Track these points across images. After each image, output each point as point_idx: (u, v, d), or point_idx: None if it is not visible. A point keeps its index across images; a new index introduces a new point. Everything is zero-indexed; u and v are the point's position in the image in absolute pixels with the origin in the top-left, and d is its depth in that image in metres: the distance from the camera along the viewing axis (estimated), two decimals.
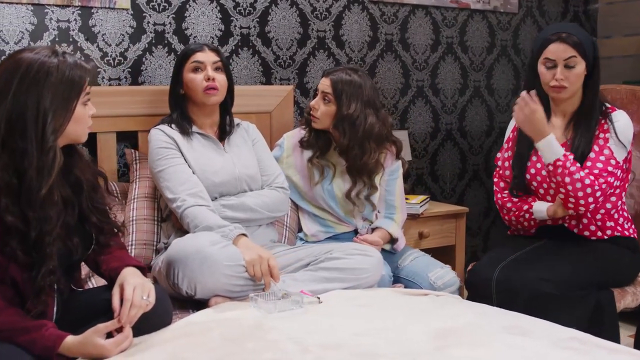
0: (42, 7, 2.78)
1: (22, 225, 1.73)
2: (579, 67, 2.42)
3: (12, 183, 1.73)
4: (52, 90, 1.77)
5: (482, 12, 3.92)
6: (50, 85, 1.77)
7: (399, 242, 2.73)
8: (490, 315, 1.98)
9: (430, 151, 3.85)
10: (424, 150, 3.83)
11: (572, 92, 2.47)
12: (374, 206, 2.67)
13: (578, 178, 2.33)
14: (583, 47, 2.40)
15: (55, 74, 1.78)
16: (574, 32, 2.43)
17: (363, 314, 1.91)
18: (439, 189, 3.91)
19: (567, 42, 2.40)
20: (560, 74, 2.42)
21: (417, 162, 3.81)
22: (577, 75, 2.43)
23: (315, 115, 2.64)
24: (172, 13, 3.06)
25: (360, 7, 3.53)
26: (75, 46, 2.85)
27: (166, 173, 2.33)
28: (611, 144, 2.42)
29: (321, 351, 1.61)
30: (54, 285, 1.82)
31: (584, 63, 2.42)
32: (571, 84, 2.44)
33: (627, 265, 2.50)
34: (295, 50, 3.38)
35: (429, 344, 1.66)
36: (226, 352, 1.61)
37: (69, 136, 1.86)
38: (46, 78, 1.77)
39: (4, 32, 2.72)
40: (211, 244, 2.04)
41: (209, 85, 2.43)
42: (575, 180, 2.33)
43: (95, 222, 1.94)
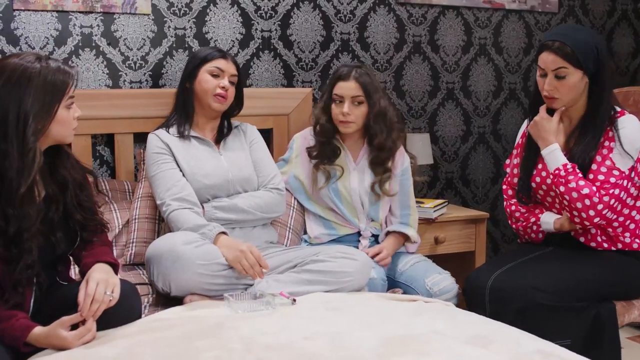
0: (66, 14, 2.92)
1: (1, 221, 1.83)
2: (572, 77, 2.31)
3: None
4: (33, 94, 1.86)
5: (518, 12, 3.81)
6: (31, 89, 1.86)
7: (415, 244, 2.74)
8: (461, 323, 1.93)
9: (461, 155, 3.77)
10: (454, 154, 3.76)
11: (567, 102, 2.36)
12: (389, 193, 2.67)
13: (574, 187, 2.24)
14: (576, 57, 2.28)
15: (37, 78, 1.87)
16: (570, 39, 2.30)
17: (327, 317, 1.91)
18: (470, 193, 3.82)
19: (556, 53, 2.29)
20: (548, 85, 2.33)
21: (446, 165, 3.74)
22: (569, 86, 2.32)
23: (349, 120, 2.63)
24: (192, 17, 3.14)
25: (386, 9, 3.51)
26: (98, 51, 2.98)
27: (156, 178, 2.41)
28: (615, 154, 2.30)
29: (263, 352, 1.63)
30: (32, 279, 1.91)
31: (580, 72, 2.30)
32: (562, 95, 2.33)
33: (635, 277, 2.37)
34: (318, 53, 3.39)
35: (374, 351, 1.64)
36: (174, 349, 1.66)
37: (53, 138, 1.96)
38: (28, 82, 1.86)
39: (29, 38, 2.88)
40: (184, 243, 2.09)
41: (220, 93, 2.49)
42: (571, 190, 2.24)
43: (79, 219, 2.03)
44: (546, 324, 2.21)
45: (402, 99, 3.59)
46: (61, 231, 1.99)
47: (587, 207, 2.24)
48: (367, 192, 2.68)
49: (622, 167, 2.29)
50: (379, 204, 2.70)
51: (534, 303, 2.20)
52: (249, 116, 3.11)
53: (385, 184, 2.66)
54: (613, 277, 2.32)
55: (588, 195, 2.23)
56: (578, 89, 2.33)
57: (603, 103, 2.32)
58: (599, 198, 2.24)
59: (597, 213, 2.25)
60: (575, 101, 2.37)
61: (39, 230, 1.90)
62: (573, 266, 2.31)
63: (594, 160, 2.30)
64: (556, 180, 2.27)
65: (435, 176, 3.72)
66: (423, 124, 3.66)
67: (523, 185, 2.52)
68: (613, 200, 2.27)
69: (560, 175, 2.26)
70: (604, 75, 2.31)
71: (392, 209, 2.74)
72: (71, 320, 1.79)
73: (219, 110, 2.54)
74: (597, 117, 2.33)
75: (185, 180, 2.41)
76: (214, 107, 2.51)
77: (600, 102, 2.32)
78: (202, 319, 1.89)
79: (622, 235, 2.38)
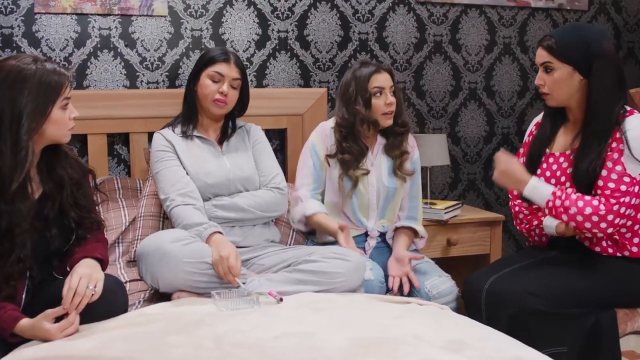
0: (85, 17, 3.01)
1: None
2: (559, 72, 2.26)
3: None
4: (27, 94, 1.93)
5: (545, 10, 3.71)
6: (26, 90, 1.93)
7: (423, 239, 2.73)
8: (444, 327, 1.90)
9: (484, 156, 3.71)
10: (476, 155, 3.70)
11: (560, 99, 2.31)
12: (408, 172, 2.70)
13: (576, 212, 2.17)
14: (562, 52, 2.23)
15: (32, 79, 1.94)
16: (558, 34, 2.28)
17: (306, 318, 1.91)
18: (493, 195, 3.75)
19: (543, 47, 2.28)
20: (537, 79, 2.31)
21: (468, 167, 3.69)
22: (555, 80, 2.27)
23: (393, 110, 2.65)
24: (209, 19, 3.19)
25: (406, 9, 3.48)
26: (116, 52, 3.07)
27: (161, 175, 2.45)
28: (624, 159, 2.20)
29: (230, 350, 1.64)
30: (25, 272, 1.99)
31: (568, 68, 2.24)
32: (551, 90, 2.29)
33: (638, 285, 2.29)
34: (336, 53, 3.39)
35: (340, 353, 1.63)
36: (146, 344, 1.69)
37: (49, 137, 2.03)
38: (23, 83, 1.93)
39: (50, 40, 2.98)
40: (172, 240, 2.13)
41: (219, 98, 2.51)
42: (574, 215, 2.17)
43: (74, 217, 2.09)
44: (540, 330, 2.15)
45: (422, 99, 3.56)
46: (56, 228, 2.06)
47: (596, 223, 2.17)
48: (385, 186, 2.65)
49: (632, 173, 2.20)
50: (394, 198, 2.68)
51: (528, 308, 2.15)
52: (262, 116, 3.16)
53: (405, 165, 2.68)
54: (616, 284, 2.24)
55: (593, 212, 2.16)
56: (568, 85, 2.27)
57: (602, 102, 2.24)
58: (606, 209, 2.16)
59: (609, 224, 2.17)
60: (569, 98, 2.30)
61: (33, 226, 1.97)
62: (574, 272, 2.24)
63: (605, 166, 2.21)
64: (554, 212, 2.20)
65: (457, 177, 3.67)
66: (444, 124, 3.61)
67: None
68: (624, 208, 2.18)
69: (556, 205, 2.19)
70: (599, 73, 2.23)
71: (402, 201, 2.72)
72: (55, 313, 1.85)
73: (218, 114, 2.56)
74: (597, 117, 2.25)
75: (189, 177, 2.45)
76: (213, 111, 2.54)
77: (598, 101, 2.24)
78: (184, 316, 1.92)
79: (629, 242, 2.29)
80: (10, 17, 2.92)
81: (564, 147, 2.37)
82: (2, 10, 2.91)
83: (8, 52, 2.93)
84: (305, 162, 2.70)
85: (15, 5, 2.92)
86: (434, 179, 3.62)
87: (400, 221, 2.69)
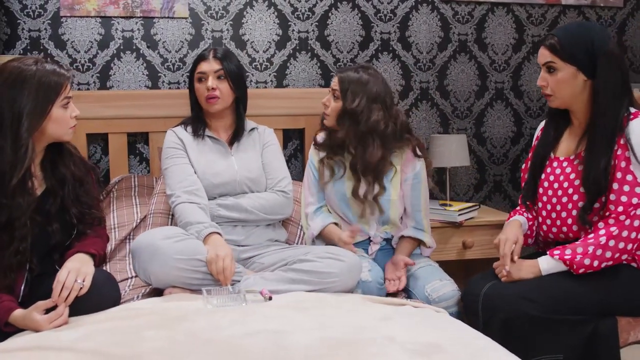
0: (108, 19, 3.11)
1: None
2: (562, 72, 2.19)
3: None
4: (27, 94, 2.02)
5: (577, 7, 3.60)
6: (26, 90, 2.02)
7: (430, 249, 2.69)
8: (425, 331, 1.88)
9: (511, 157, 3.63)
10: (503, 156, 3.62)
11: (563, 100, 2.25)
12: (382, 211, 2.60)
13: (600, 254, 2.12)
14: (566, 52, 2.16)
15: (32, 80, 2.03)
16: (561, 32, 2.21)
17: (287, 316, 1.92)
18: None
19: (546, 46, 2.22)
20: (540, 79, 2.25)
21: (494, 168, 3.61)
22: (557, 80, 2.20)
23: (326, 112, 2.65)
24: (229, 20, 3.24)
25: (429, 8, 3.44)
26: (138, 53, 3.16)
27: (169, 171, 2.51)
28: (633, 167, 2.13)
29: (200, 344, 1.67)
30: (25, 265, 2.08)
31: (571, 68, 2.18)
32: (554, 91, 2.23)
33: None
34: (357, 53, 3.39)
35: (304, 352, 1.64)
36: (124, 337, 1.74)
37: (51, 135, 2.12)
38: (23, 83, 2.03)
39: (75, 43, 3.10)
40: (164, 237, 2.18)
41: (208, 95, 2.55)
42: (602, 256, 2.13)
43: (75, 213, 2.18)
44: (535, 336, 2.10)
45: (447, 99, 3.51)
46: (58, 223, 2.15)
47: (618, 248, 2.12)
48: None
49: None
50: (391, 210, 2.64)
51: (522, 314, 2.09)
52: (280, 116, 3.19)
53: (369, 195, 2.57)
54: (620, 290, 2.16)
55: (610, 239, 2.12)
56: (571, 85, 2.20)
57: (608, 103, 2.16)
58: (619, 228, 2.11)
59: (628, 241, 2.12)
60: (572, 100, 2.24)
61: (34, 220, 2.06)
62: (574, 277, 2.17)
63: (615, 178, 2.14)
64: (583, 269, 2.13)
65: (482, 179, 3.61)
66: (469, 125, 3.55)
67: (528, 189, 2.41)
68: (638, 221, 2.12)
69: (574, 267, 2.14)
70: (604, 73, 2.15)
71: (406, 210, 2.69)
72: (45, 305, 1.92)
73: (216, 110, 2.60)
74: (604, 118, 2.17)
75: (196, 176, 2.50)
76: (211, 109, 2.58)
77: (604, 102, 2.16)
78: (170, 311, 1.96)
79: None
80: (38, 20, 3.05)
81: (568, 152, 2.31)
82: (30, 14, 3.04)
83: (36, 54, 3.06)
84: (307, 177, 2.74)
85: (42, 9, 3.05)
86: (458, 180, 3.56)
87: (407, 230, 2.66)
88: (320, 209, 2.70)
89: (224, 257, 2.16)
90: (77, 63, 3.11)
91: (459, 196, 3.57)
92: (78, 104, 2.94)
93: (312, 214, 2.68)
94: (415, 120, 3.48)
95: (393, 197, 2.62)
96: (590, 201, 2.19)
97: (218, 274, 2.17)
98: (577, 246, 2.16)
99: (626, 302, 2.17)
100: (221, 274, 2.17)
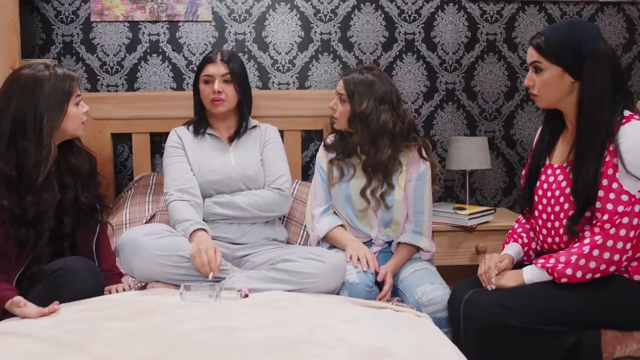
0: (136, 24, 3.25)
1: (18, 209, 2.16)
2: (547, 73, 2.11)
3: (12, 175, 2.18)
4: (45, 97, 2.20)
5: (616, 4, 3.43)
6: (43, 94, 2.21)
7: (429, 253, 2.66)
8: (383, 335, 1.86)
9: None
10: None
11: (549, 101, 2.16)
12: (387, 206, 2.60)
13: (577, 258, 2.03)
14: (551, 51, 2.08)
15: (47, 84, 2.22)
16: (549, 32, 2.12)
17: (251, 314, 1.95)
18: None
19: (533, 46, 2.14)
20: (527, 79, 2.17)
21: None
22: (543, 81, 2.12)
23: (334, 116, 2.67)
24: (252, 23, 3.31)
25: (456, 7, 3.38)
26: (164, 56, 3.28)
27: (167, 170, 2.60)
28: (619, 175, 2.02)
29: (151, 337, 1.74)
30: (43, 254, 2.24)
31: (557, 68, 2.09)
32: (539, 91, 2.15)
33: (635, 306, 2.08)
34: (380, 54, 3.38)
35: (245, 349, 1.67)
36: (87, 326, 1.83)
37: (67, 132, 2.30)
38: (40, 89, 2.21)
39: (105, 47, 3.26)
40: (146, 234, 2.26)
41: (214, 97, 2.62)
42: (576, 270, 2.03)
43: (86, 203, 2.34)
44: (512, 346, 2.04)
45: (474, 100, 3.44)
46: (71, 213, 2.31)
47: (603, 259, 2.02)
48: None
49: (631, 190, 2.01)
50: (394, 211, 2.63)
51: (499, 323, 2.03)
52: (301, 117, 3.23)
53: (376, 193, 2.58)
54: (607, 303, 2.05)
55: (593, 249, 2.02)
56: (557, 87, 2.11)
57: (594, 107, 2.06)
58: (603, 239, 2.01)
59: (614, 251, 2.01)
60: (559, 101, 2.15)
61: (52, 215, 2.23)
62: (558, 287, 2.07)
63: (601, 185, 2.05)
64: (566, 279, 2.05)
65: (511, 183, 3.50)
66: (497, 127, 3.46)
67: (524, 196, 2.34)
68: (624, 230, 2.01)
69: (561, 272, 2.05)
70: (590, 74, 2.05)
71: (407, 213, 2.67)
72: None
73: (221, 112, 2.66)
74: (589, 123, 2.07)
75: (192, 174, 2.58)
76: (215, 110, 2.65)
77: (590, 106, 2.06)
78: (144, 304, 2.04)
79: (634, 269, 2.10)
80: (71, 26, 3.23)
81: (562, 158, 2.22)
82: (63, 20, 3.22)
83: (69, 57, 3.24)
84: (315, 179, 2.76)
85: (75, 15, 3.22)
86: (486, 184, 3.48)
87: (404, 234, 2.64)
88: (327, 211, 2.71)
89: (205, 250, 2.23)
90: (107, 66, 3.26)
91: (487, 200, 3.49)
92: (104, 105, 3.14)
93: (318, 215, 2.70)
94: (441, 122, 3.43)
95: (397, 197, 2.61)
96: (580, 210, 2.10)
97: (202, 267, 2.23)
98: (561, 255, 2.08)
99: (614, 314, 2.07)
100: (206, 266, 2.23)
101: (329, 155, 2.72)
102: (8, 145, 2.20)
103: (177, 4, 3.25)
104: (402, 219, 2.65)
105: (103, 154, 3.14)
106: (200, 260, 2.23)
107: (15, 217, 2.17)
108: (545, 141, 2.29)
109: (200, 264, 2.23)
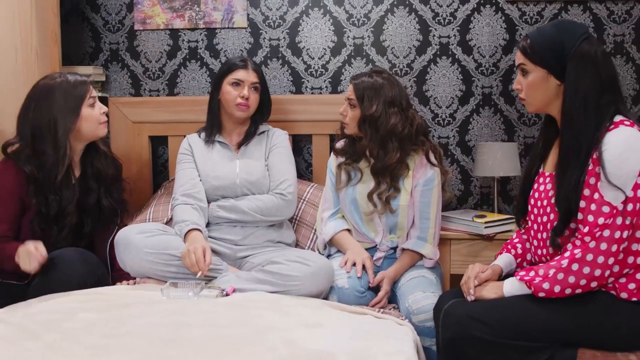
0: (176, 31, 3.41)
1: (44, 207, 2.38)
2: (532, 75, 2.03)
3: (39, 177, 2.41)
4: (58, 101, 2.43)
5: None
6: (56, 100, 2.43)
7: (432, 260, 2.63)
8: (337, 340, 1.87)
9: None
10: None
11: (536, 105, 2.08)
12: (392, 210, 2.58)
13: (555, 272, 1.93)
14: (534, 54, 2.00)
15: (60, 89, 2.44)
16: (535, 34, 2.04)
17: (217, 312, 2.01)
18: None
19: (519, 48, 2.07)
20: (515, 83, 2.11)
21: None
22: (530, 84, 2.04)
23: (344, 122, 2.69)
24: (286, 28, 3.38)
25: (493, 9, 3.28)
26: (202, 62, 3.42)
27: (176, 176, 2.73)
28: (600, 185, 1.90)
29: (109, 329, 1.86)
30: None
31: (541, 71, 2.00)
32: (525, 94, 2.08)
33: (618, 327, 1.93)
34: (414, 58, 3.34)
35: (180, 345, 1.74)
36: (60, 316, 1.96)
37: (87, 133, 2.51)
38: (53, 95, 2.43)
39: (147, 53, 3.44)
40: (138, 232, 2.38)
41: (241, 102, 2.71)
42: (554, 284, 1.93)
43: (107, 205, 2.54)
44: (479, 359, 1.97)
45: (511, 105, 3.32)
46: (91, 215, 2.51)
47: (582, 274, 1.91)
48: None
49: (613, 202, 1.89)
50: (399, 216, 2.60)
51: (467, 335, 1.97)
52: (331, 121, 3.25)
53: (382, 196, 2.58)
54: (588, 320, 1.94)
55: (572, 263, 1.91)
56: (542, 90, 2.03)
57: (575, 111, 1.95)
58: (583, 252, 1.90)
59: (595, 266, 1.90)
60: (546, 105, 2.07)
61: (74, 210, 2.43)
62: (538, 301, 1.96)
63: (583, 196, 1.94)
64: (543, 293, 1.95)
65: None
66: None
67: (518, 205, 2.25)
68: (605, 244, 1.89)
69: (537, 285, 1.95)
70: (572, 76, 1.95)
71: (413, 219, 2.63)
72: None
73: (242, 117, 2.75)
74: (571, 128, 1.96)
75: (199, 180, 2.68)
76: (237, 115, 2.73)
77: (572, 110, 1.95)
78: (124, 298, 2.17)
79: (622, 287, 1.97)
80: (117, 34, 3.44)
81: (552, 166, 2.12)
82: (110, 29, 3.44)
83: (115, 64, 3.45)
84: (326, 183, 2.80)
85: (120, 24, 3.43)
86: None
87: (408, 241, 2.62)
88: (335, 215, 2.74)
89: (194, 250, 2.31)
90: (149, 72, 3.44)
91: None
92: (142, 109, 3.32)
93: (326, 219, 2.73)
94: (477, 127, 3.34)
95: (402, 202, 2.59)
96: (563, 221, 2.00)
97: (192, 266, 2.32)
98: (540, 268, 1.99)
99: (595, 333, 1.94)
100: (194, 266, 2.32)
101: (339, 159, 2.74)
102: (32, 148, 2.41)
103: (214, 12, 3.37)
104: (408, 224, 2.62)
105: (141, 155, 3.33)
106: (189, 260, 2.32)
107: (41, 216, 2.38)
108: (540, 148, 2.20)
109: (190, 264, 2.32)
